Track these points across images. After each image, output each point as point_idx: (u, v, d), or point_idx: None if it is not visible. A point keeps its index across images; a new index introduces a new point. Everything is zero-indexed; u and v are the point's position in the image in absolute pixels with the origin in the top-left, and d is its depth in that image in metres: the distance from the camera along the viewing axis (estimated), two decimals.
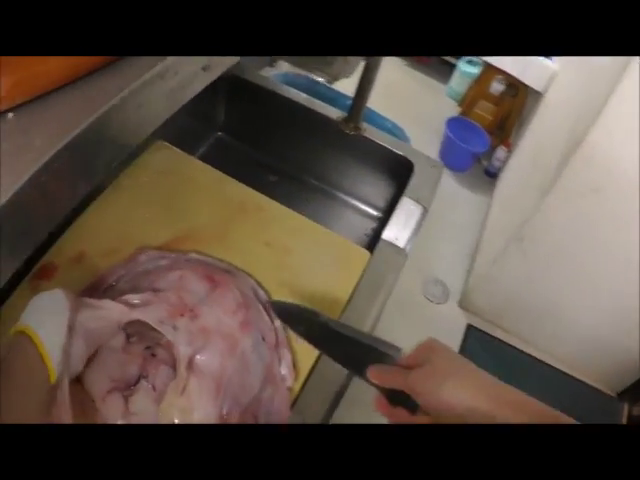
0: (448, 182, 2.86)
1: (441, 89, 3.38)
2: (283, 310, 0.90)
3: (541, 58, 2.53)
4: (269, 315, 0.97)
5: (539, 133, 2.45)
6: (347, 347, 0.76)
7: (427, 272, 2.47)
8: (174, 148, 1.26)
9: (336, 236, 1.17)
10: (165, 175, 1.21)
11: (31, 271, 1.03)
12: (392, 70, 3.37)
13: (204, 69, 0.74)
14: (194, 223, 1.12)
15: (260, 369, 0.89)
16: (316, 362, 0.97)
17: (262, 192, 1.21)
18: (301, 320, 0.83)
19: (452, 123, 2.84)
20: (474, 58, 3.13)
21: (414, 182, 1.35)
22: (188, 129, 1.55)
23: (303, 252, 1.12)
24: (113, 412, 0.78)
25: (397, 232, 1.22)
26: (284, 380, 0.92)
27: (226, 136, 1.67)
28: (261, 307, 0.97)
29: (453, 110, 3.16)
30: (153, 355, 0.85)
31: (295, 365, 0.95)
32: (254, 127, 1.63)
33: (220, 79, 1.45)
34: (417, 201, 1.30)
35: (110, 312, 0.80)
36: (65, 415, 0.68)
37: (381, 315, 1.11)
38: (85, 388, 0.78)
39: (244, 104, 1.60)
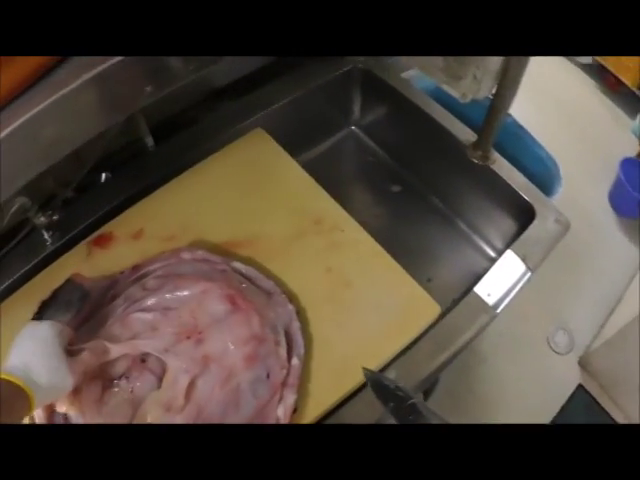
0: (611, 224, 2.59)
1: (627, 123, 3.07)
2: (377, 383, 0.84)
3: None
4: (290, 351, 0.90)
5: None
6: None
7: (559, 316, 2.27)
8: (272, 140, 1.20)
9: (410, 279, 1.05)
10: (251, 167, 1.16)
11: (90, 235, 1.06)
12: (575, 87, 3.11)
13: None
14: (260, 229, 1.07)
15: (251, 407, 0.84)
16: (327, 416, 0.90)
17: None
18: (392, 397, 0.78)
19: (627, 164, 2.55)
20: None
21: (528, 235, 1.18)
22: (323, 117, 1.51)
23: (364, 288, 1.02)
24: (90, 395, 0.81)
25: (492, 287, 1.08)
26: (277, 421, 0.86)
27: (359, 132, 1.60)
28: (283, 340, 0.90)
29: (633, 149, 2.87)
30: (143, 361, 0.85)
31: (296, 409, 0.88)
32: (386, 129, 1.54)
33: (357, 74, 1.41)
34: (523, 259, 1.13)
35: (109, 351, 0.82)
36: None
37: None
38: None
39: (379, 104, 1.51)
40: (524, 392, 2.05)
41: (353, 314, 0.99)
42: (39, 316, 0.94)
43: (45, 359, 0.73)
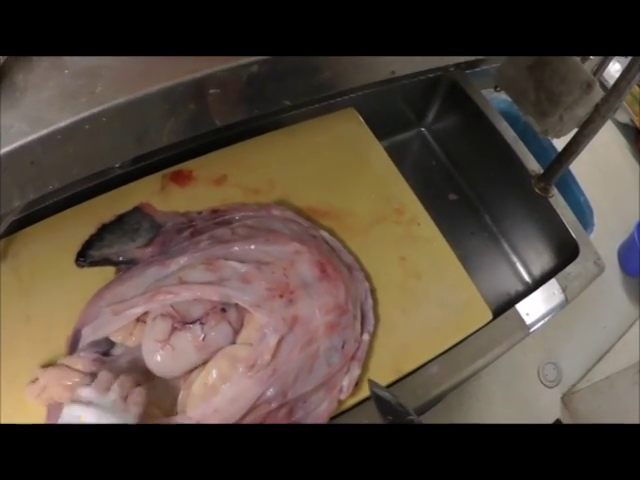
0: (615, 278, 2.61)
1: None
2: (380, 396, 0.80)
3: None
4: (362, 326, 0.89)
5: None
6: None
7: (552, 351, 2.30)
8: (363, 123, 1.19)
9: (471, 283, 1.05)
10: (342, 143, 1.14)
11: (166, 169, 1.02)
12: (610, 143, 3.12)
13: None
14: (345, 204, 1.05)
15: (322, 373, 0.82)
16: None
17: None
18: (391, 411, 0.75)
19: None
20: None
21: (570, 270, 1.20)
22: (398, 113, 1.50)
23: (431, 282, 1.02)
24: (155, 333, 0.76)
25: (531, 309, 1.09)
26: (341, 391, 0.85)
27: (428, 135, 1.58)
28: (359, 314, 0.89)
29: None
30: (223, 310, 0.79)
31: (358, 383, 0.87)
32: (455, 139, 1.53)
33: (442, 81, 1.41)
34: (564, 289, 1.15)
35: None
36: None
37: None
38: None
39: (455, 113, 1.50)
40: (507, 413, 2.06)
41: (418, 304, 0.99)
42: (98, 238, 0.92)
43: None
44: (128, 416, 0.67)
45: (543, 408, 2.17)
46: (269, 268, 0.82)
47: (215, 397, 0.74)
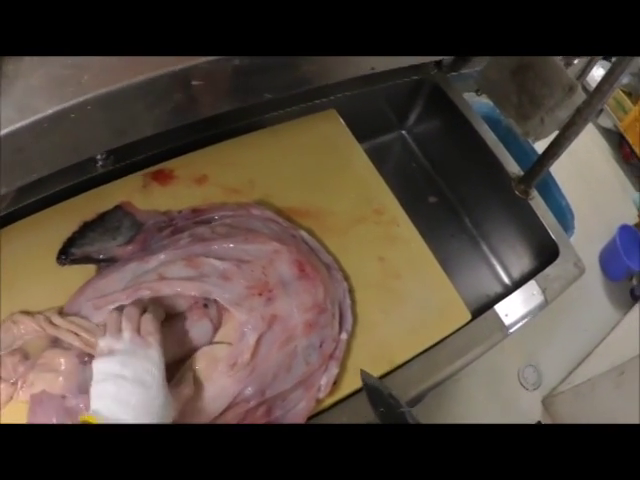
0: (596, 282, 2.68)
1: (631, 193, 3.12)
2: (372, 387, 0.82)
3: None
4: (340, 325, 0.91)
5: None
6: None
7: (532, 354, 2.34)
8: (343, 123, 1.20)
9: (450, 284, 1.07)
10: (321, 143, 1.16)
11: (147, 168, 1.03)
12: (592, 149, 3.19)
13: None
14: (324, 204, 1.07)
15: (300, 372, 0.83)
16: (358, 390, 0.90)
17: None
18: (383, 403, 0.77)
19: (624, 231, 2.62)
20: None
21: (550, 272, 1.22)
22: (379, 115, 1.51)
23: (410, 283, 1.04)
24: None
25: (510, 310, 1.11)
26: (319, 390, 0.86)
27: (409, 137, 1.60)
28: (337, 313, 0.91)
29: (631, 218, 2.92)
30: (205, 306, 0.81)
31: (336, 382, 0.88)
32: (436, 142, 1.55)
33: (424, 84, 1.43)
34: (543, 291, 1.18)
35: None
36: None
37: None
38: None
39: (436, 116, 1.52)
40: (487, 416, 2.09)
41: (397, 304, 1.00)
42: (80, 236, 0.92)
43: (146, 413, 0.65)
44: (150, 351, 0.68)
45: (524, 411, 2.20)
46: (248, 266, 0.83)
47: (195, 396, 0.75)
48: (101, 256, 0.91)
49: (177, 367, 0.77)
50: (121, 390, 0.63)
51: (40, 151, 0.60)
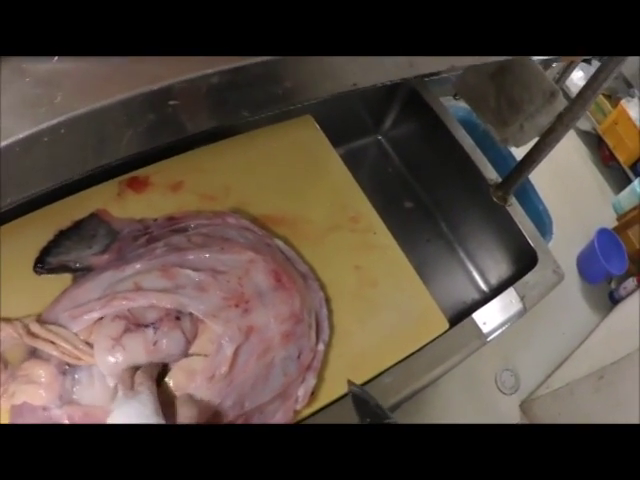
0: (574, 285, 2.70)
1: (610, 196, 3.16)
2: (359, 397, 0.81)
3: None
4: (317, 336, 0.91)
5: None
6: None
7: (509, 358, 2.36)
8: (319, 129, 1.20)
9: (427, 292, 1.08)
10: (297, 150, 1.15)
11: (123, 175, 1.02)
12: (570, 152, 3.22)
13: None
14: (300, 211, 1.07)
15: (278, 383, 0.83)
16: (336, 401, 0.90)
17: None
18: (370, 413, 0.76)
19: (602, 234, 2.65)
20: None
21: (528, 279, 1.23)
22: (354, 119, 1.52)
23: (387, 292, 1.04)
24: (109, 331, 0.75)
25: (488, 318, 1.12)
26: (296, 401, 0.86)
27: (384, 142, 1.61)
28: (314, 324, 0.91)
29: (610, 222, 2.96)
30: (177, 318, 0.79)
31: (314, 393, 0.88)
32: (412, 146, 1.56)
33: (400, 88, 1.43)
34: (521, 298, 1.19)
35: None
36: None
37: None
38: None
39: (413, 121, 1.53)
40: (465, 420, 2.09)
41: (374, 313, 1.00)
42: (55, 245, 0.92)
43: None
44: (142, 397, 0.68)
45: (501, 415, 2.22)
46: (224, 277, 0.82)
47: (173, 409, 0.74)
48: (77, 265, 0.90)
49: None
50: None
51: (9, 176, 0.59)
